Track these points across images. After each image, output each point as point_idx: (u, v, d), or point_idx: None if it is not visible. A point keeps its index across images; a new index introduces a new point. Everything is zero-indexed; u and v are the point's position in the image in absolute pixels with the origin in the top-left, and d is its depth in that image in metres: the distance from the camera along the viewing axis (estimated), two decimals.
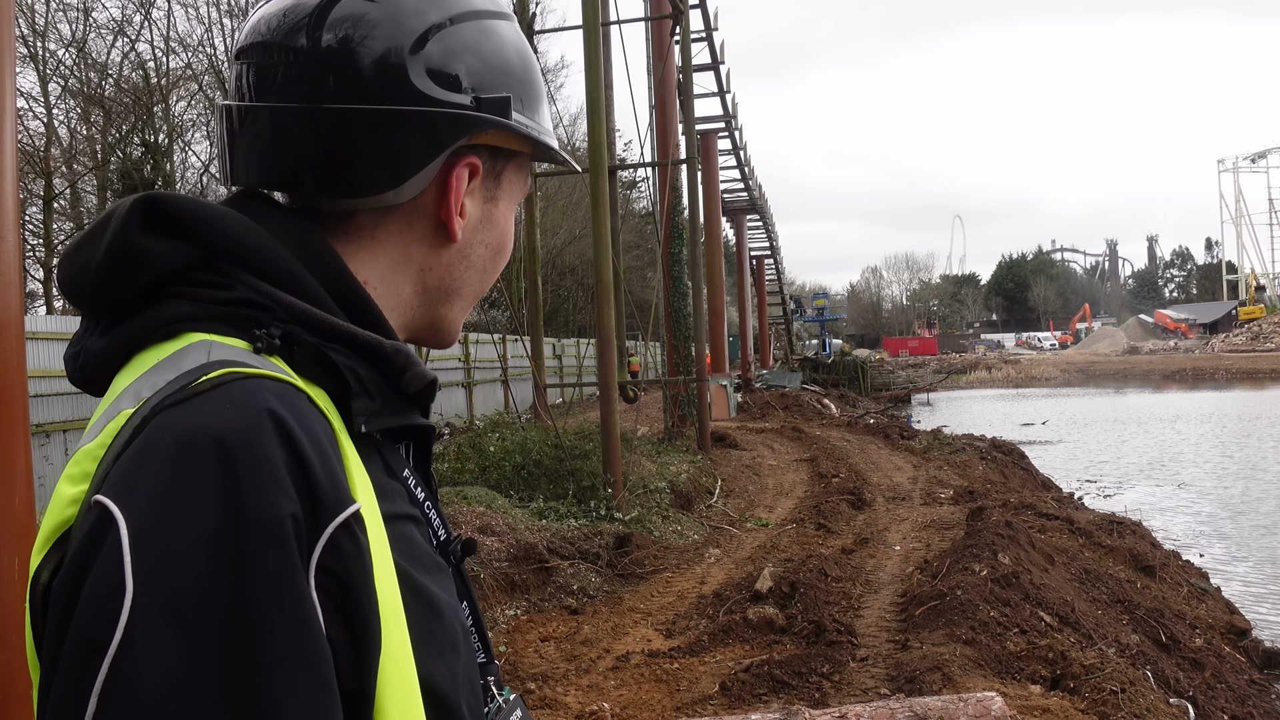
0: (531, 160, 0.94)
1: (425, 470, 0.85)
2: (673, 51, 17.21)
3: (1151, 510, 12.93)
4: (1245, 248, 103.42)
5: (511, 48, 0.89)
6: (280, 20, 0.81)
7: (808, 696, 4.76)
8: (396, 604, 0.69)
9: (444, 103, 0.82)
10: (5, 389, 2.50)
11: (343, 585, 0.64)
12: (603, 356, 10.00)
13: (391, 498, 0.75)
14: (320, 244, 0.81)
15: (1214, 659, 5.92)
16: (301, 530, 0.62)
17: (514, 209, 0.94)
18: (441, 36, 0.83)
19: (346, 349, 0.75)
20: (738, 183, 34.44)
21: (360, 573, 0.65)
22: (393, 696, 0.67)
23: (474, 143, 0.85)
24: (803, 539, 8.76)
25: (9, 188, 2.54)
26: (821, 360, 40.30)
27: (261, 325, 0.73)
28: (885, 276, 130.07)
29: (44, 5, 20.63)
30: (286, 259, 0.77)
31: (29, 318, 11.85)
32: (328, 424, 0.70)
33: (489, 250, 0.92)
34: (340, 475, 0.67)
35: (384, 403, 0.76)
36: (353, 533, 0.65)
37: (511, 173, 0.92)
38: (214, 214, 0.76)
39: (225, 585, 0.59)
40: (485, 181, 0.89)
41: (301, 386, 0.70)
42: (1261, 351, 61.95)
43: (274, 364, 0.71)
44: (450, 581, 0.81)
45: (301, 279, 0.77)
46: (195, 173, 25.90)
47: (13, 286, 2.53)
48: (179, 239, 0.74)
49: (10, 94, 2.54)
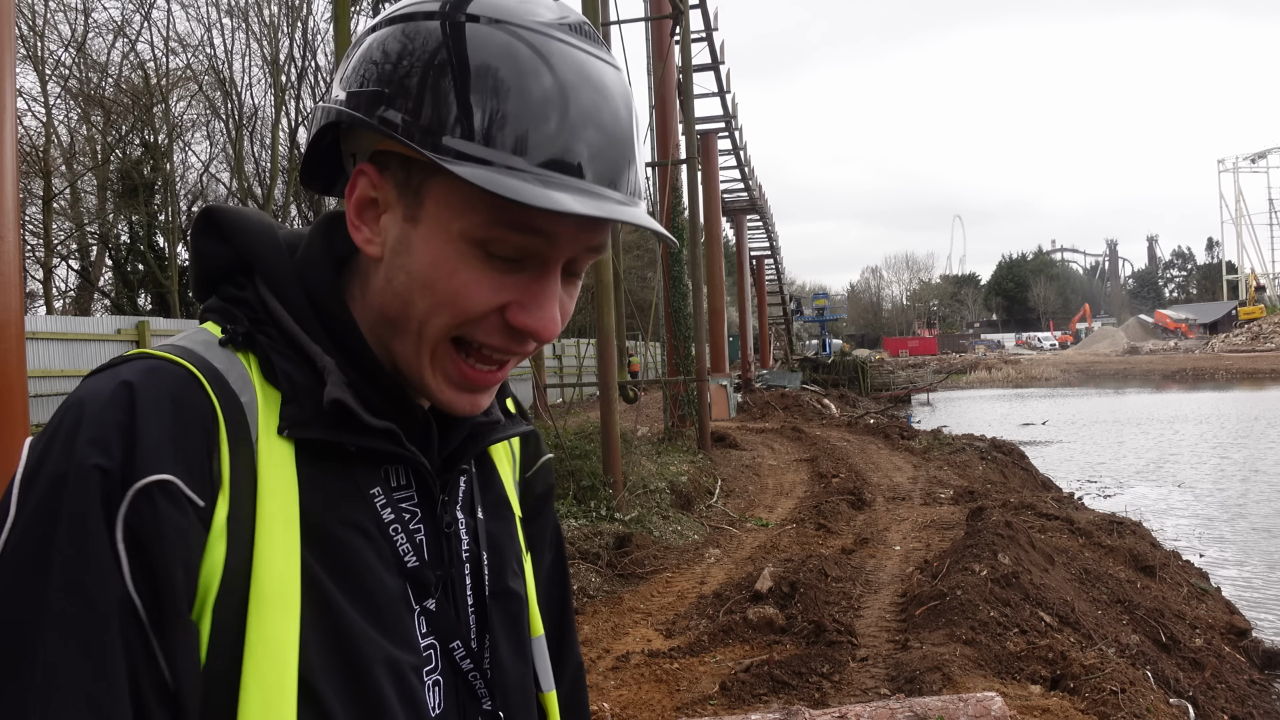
0: (494, 194, 0.73)
1: (428, 496, 0.86)
2: (673, 51, 17.21)
3: (1151, 510, 12.93)
4: (1245, 248, 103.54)
5: (418, 46, 0.77)
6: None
7: (808, 696, 4.76)
8: (286, 594, 0.73)
9: (334, 101, 0.82)
10: (5, 389, 2.51)
11: (140, 545, 0.68)
12: (603, 356, 10.00)
13: (335, 504, 0.79)
14: (319, 257, 0.85)
15: (1214, 659, 5.92)
16: (113, 484, 0.68)
17: (458, 241, 0.77)
18: (363, 41, 0.82)
19: (296, 356, 0.81)
20: (738, 183, 34.45)
21: (155, 538, 0.69)
22: (259, 680, 0.71)
23: (382, 149, 0.79)
24: (803, 539, 8.76)
25: (9, 188, 2.54)
26: (821, 360, 40.30)
27: (240, 323, 0.81)
28: (885, 276, 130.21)
29: (44, 5, 20.61)
30: (282, 269, 0.84)
31: (29, 318, 11.86)
32: (208, 409, 0.74)
33: (410, 280, 0.78)
34: (168, 448, 0.71)
35: (315, 414, 0.79)
36: (152, 499, 0.69)
37: (439, 193, 0.77)
38: (248, 225, 0.85)
39: (44, 512, 0.68)
40: (403, 198, 0.79)
41: (195, 373, 0.75)
42: (1261, 351, 61.97)
43: (234, 357, 0.79)
44: (396, 607, 0.81)
45: (289, 289, 0.83)
46: (195, 173, 25.91)
47: (13, 286, 2.53)
48: (225, 244, 0.85)
49: (10, 94, 2.54)
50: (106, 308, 24.21)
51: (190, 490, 0.71)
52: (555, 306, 0.80)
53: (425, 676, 0.83)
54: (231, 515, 0.73)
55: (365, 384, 0.82)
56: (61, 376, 11.06)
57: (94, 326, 12.45)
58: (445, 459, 0.89)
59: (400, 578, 0.82)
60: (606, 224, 0.79)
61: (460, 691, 0.86)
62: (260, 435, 0.77)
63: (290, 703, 0.72)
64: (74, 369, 11.27)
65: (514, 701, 0.90)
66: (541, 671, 0.98)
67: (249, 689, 0.71)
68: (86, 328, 12.21)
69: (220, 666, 0.71)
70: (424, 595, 0.84)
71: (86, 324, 12.50)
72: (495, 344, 0.81)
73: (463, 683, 0.86)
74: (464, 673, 0.86)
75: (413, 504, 0.85)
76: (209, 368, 0.77)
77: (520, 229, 0.76)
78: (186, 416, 0.73)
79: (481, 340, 0.80)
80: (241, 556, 0.73)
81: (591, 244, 0.80)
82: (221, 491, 0.73)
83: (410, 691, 0.80)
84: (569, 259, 0.81)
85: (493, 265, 0.78)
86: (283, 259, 0.84)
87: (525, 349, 0.82)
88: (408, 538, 0.83)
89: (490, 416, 0.93)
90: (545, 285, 0.79)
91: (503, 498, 0.97)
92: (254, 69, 27.85)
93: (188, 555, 0.71)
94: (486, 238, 0.77)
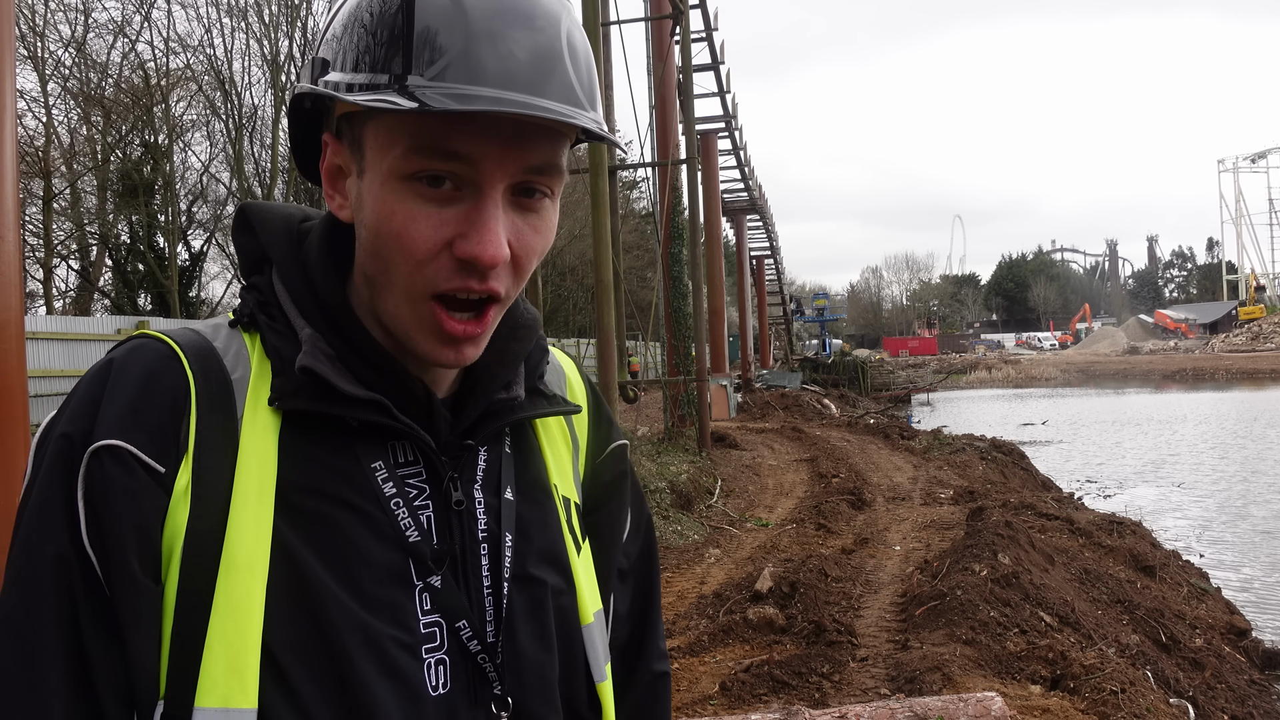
0: (375, 110, 0.77)
1: (435, 472, 0.87)
2: (673, 51, 17.21)
3: (1151, 510, 12.93)
4: (1245, 248, 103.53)
5: (348, 8, 0.81)
6: None
7: (808, 696, 4.76)
8: (254, 559, 0.77)
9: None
10: (5, 389, 2.51)
11: (93, 504, 0.76)
12: (603, 356, 10.00)
13: (319, 476, 0.81)
14: (318, 240, 0.89)
15: (1214, 659, 5.92)
16: (75, 449, 0.77)
17: (391, 180, 0.79)
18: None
19: (289, 332, 0.86)
20: (738, 183, 34.45)
21: (103, 498, 0.76)
22: (223, 642, 0.75)
23: (338, 115, 0.83)
24: (803, 539, 8.76)
25: (9, 188, 2.54)
26: (821, 360, 40.31)
27: (247, 306, 0.88)
28: (885, 276, 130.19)
29: (44, 5, 20.60)
30: (287, 256, 0.89)
31: (29, 318, 11.86)
32: (180, 382, 0.80)
33: (369, 233, 0.81)
34: (128, 418, 0.78)
35: (300, 385, 0.83)
36: (102, 463, 0.76)
37: (371, 138, 0.80)
38: (270, 218, 0.92)
39: (33, 473, 0.79)
40: (353, 156, 0.82)
41: (176, 350, 0.82)
42: (1261, 351, 61.95)
43: (237, 336, 0.86)
44: (384, 580, 0.82)
45: (292, 273, 0.88)
46: (195, 173, 25.90)
47: (13, 286, 2.53)
48: (253, 237, 0.91)
49: (10, 94, 2.54)
50: (106, 308, 24.21)
51: (147, 456, 0.77)
52: (497, 230, 0.78)
53: (425, 653, 0.82)
54: (196, 481, 0.78)
55: (353, 356, 0.84)
56: (61, 376, 11.06)
57: (94, 326, 12.45)
58: (462, 436, 0.88)
59: (400, 552, 0.83)
60: (538, 138, 0.78)
61: (470, 672, 0.85)
62: (247, 407, 0.82)
63: (253, 665, 0.75)
64: (74, 369, 11.26)
65: (530, 688, 0.88)
66: (594, 661, 0.95)
67: (213, 648, 0.75)
68: (86, 328, 12.21)
69: (189, 630, 0.76)
70: (427, 571, 0.83)
71: (86, 324, 12.50)
72: (455, 285, 0.80)
73: (471, 663, 0.85)
74: (472, 653, 0.85)
75: (420, 480, 0.86)
76: (202, 346, 0.83)
77: (436, 153, 0.77)
78: (153, 388, 0.79)
79: (443, 286, 0.80)
80: (211, 522, 0.77)
81: (528, 162, 0.79)
82: (185, 458, 0.78)
83: (395, 665, 0.80)
84: (513, 183, 0.80)
85: (429, 200, 0.78)
86: (290, 247, 0.90)
87: (481, 284, 0.80)
88: (410, 513, 0.84)
89: (511, 393, 0.92)
90: (482, 210, 0.78)
91: (540, 482, 0.96)
92: (254, 69, 27.89)
93: (140, 518, 0.76)
94: (411, 169, 0.78)
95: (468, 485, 0.89)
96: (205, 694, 0.75)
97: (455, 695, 0.83)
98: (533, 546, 0.91)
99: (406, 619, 0.82)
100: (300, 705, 0.77)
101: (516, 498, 0.92)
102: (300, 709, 0.77)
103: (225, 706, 0.75)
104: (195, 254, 25.54)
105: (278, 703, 0.76)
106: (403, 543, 0.83)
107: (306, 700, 0.77)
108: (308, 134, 0.91)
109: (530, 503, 0.93)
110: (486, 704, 0.85)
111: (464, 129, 0.76)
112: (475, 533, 0.88)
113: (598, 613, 0.98)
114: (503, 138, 0.77)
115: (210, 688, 0.75)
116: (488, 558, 0.88)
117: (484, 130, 0.77)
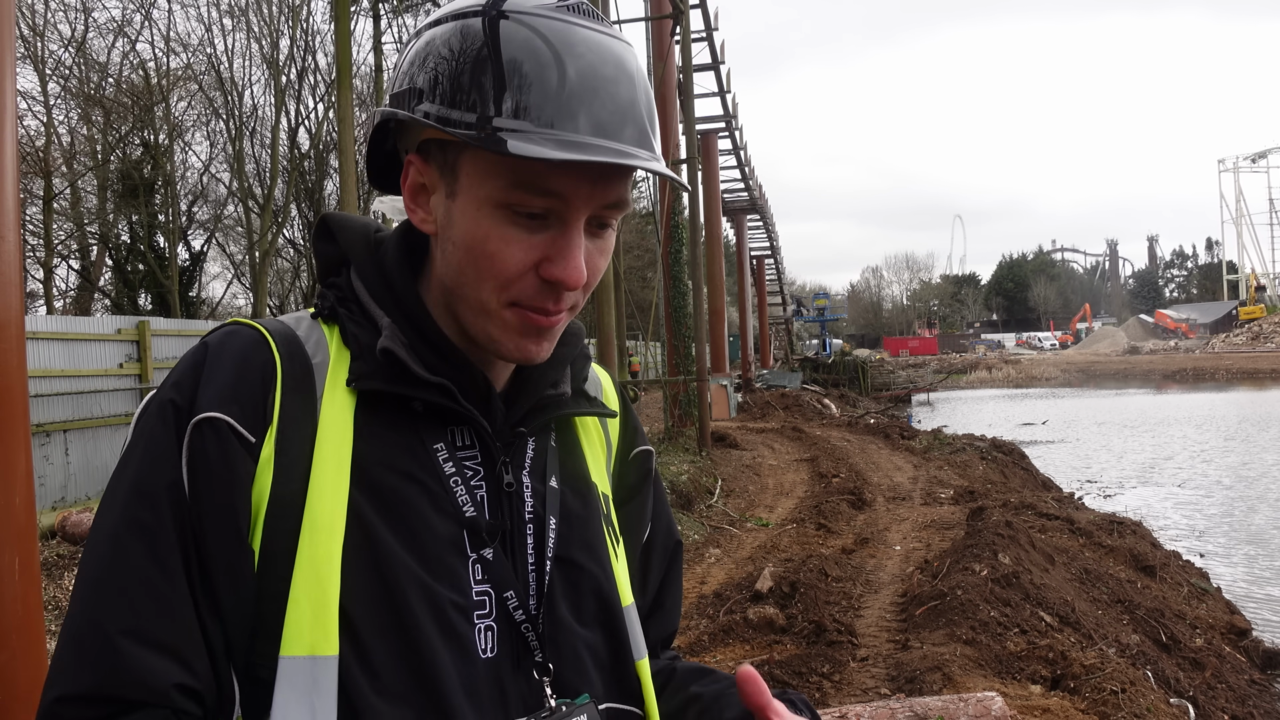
0: (493, 152, 0.84)
1: (489, 456, 0.95)
2: (673, 51, 17.21)
3: (1151, 511, 12.93)
4: (1245, 248, 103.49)
5: (440, 43, 0.89)
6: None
7: (808, 696, 4.76)
8: (333, 522, 0.85)
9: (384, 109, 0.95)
10: (5, 389, 2.50)
11: (195, 468, 0.85)
12: (603, 356, 10.00)
13: (390, 452, 0.91)
14: (394, 246, 0.98)
15: (1214, 659, 5.92)
16: (182, 416, 0.86)
17: (487, 207, 0.88)
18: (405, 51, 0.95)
19: (367, 323, 0.95)
20: (738, 183, 34.45)
21: (205, 462, 0.85)
22: (308, 595, 0.83)
23: (425, 140, 0.92)
24: (803, 539, 8.75)
25: (9, 188, 2.54)
26: (822, 360, 40.31)
27: (328, 301, 0.97)
28: (885, 276, 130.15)
29: (44, 5, 20.60)
30: (366, 258, 0.99)
31: (29, 318, 11.85)
32: (269, 362, 0.90)
33: (457, 249, 0.90)
34: (228, 392, 0.87)
35: (376, 369, 0.92)
36: (202, 432, 0.85)
37: (469, 166, 0.88)
38: (349, 226, 1.02)
39: (140, 429, 0.89)
40: (444, 178, 0.91)
41: (265, 335, 0.92)
42: (1262, 351, 61.94)
43: (317, 327, 0.96)
44: (444, 548, 0.90)
45: (370, 273, 0.98)
46: (195, 173, 25.89)
47: (13, 286, 2.53)
48: (333, 243, 1.01)
49: (10, 94, 2.53)
50: (106, 308, 24.19)
51: (241, 427, 0.86)
52: (579, 258, 0.89)
53: (477, 619, 0.90)
54: (280, 450, 0.87)
55: (424, 346, 0.94)
56: (61, 376, 11.05)
57: (94, 326, 12.44)
58: (513, 426, 0.98)
59: (457, 525, 0.91)
60: (616, 178, 0.89)
61: (514, 640, 0.92)
62: (326, 388, 0.91)
63: (334, 616, 0.83)
64: (74, 369, 11.26)
65: (565, 659, 0.95)
66: (634, 639, 1.02)
67: (298, 602, 0.83)
68: (86, 328, 12.19)
69: (271, 586, 0.84)
70: (480, 544, 0.92)
71: (86, 324, 12.48)
72: (536, 303, 0.91)
73: (515, 632, 0.92)
74: (517, 623, 0.92)
75: (475, 462, 0.95)
76: (287, 333, 0.93)
77: (536, 190, 0.86)
78: (247, 367, 0.89)
79: (528, 301, 0.90)
80: (292, 488, 0.86)
81: (608, 200, 0.90)
82: (270, 429, 0.87)
83: (453, 627, 0.88)
84: (591, 215, 0.90)
85: (520, 227, 0.88)
86: (368, 250, 0.99)
87: (561, 301, 0.91)
88: (468, 491, 0.93)
89: (559, 390, 1.02)
90: (569, 239, 0.89)
91: (583, 475, 1.04)
92: (254, 69, 27.87)
93: (235, 482, 0.85)
94: (509, 201, 0.87)
95: (517, 470, 0.97)
96: (292, 643, 0.82)
97: (501, 659, 0.91)
98: (574, 533, 0.99)
99: (462, 585, 0.90)
100: (367, 655, 0.84)
101: (561, 487, 1.01)
102: (368, 659, 0.84)
103: (313, 654, 0.82)
104: (195, 254, 25.54)
105: (350, 653, 0.83)
106: (460, 517, 0.91)
107: (372, 651, 0.84)
108: (375, 143, 1.01)
109: (573, 493, 1.02)
110: (528, 670, 0.92)
111: (561, 171, 0.86)
112: (522, 514, 0.96)
113: (631, 604, 1.05)
114: (590, 178, 0.87)
115: (297, 637, 0.82)
116: (533, 537, 0.96)
117: (577, 172, 0.86)
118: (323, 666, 0.82)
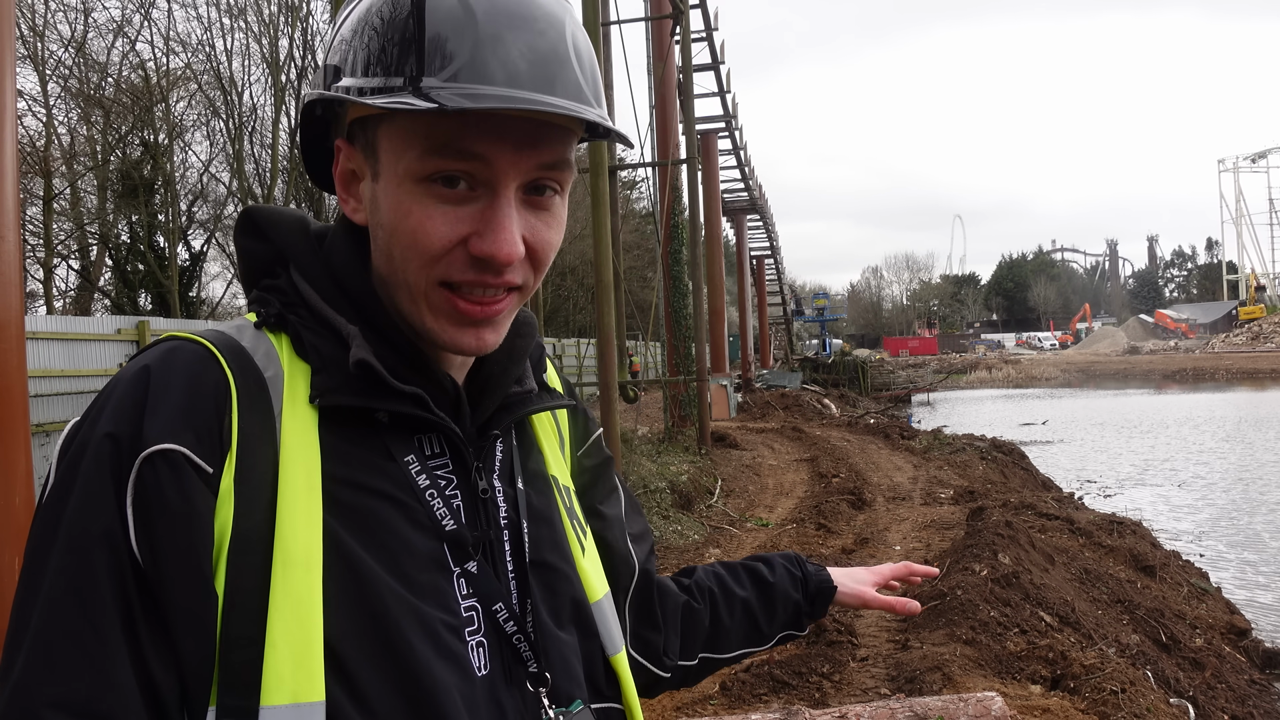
0: (383, 110, 0.80)
1: (462, 463, 0.90)
2: (673, 51, 17.21)
3: (1151, 510, 12.93)
4: (1245, 248, 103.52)
5: (357, 14, 0.84)
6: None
7: (808, 696, 4.76)
8: (309, 554, 0.77)
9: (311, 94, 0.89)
10: (5, 389, 2.50)
11: (147, 508, 0.74)
12: (603, 356, 9.99)
13: (360, 470, 0.83)
14: (341, 240, 0.90)
15: (1214, 659, 5.92)
16: (123, 453, 0.75)
17: (407, 182, 0.81)
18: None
19: (325, 330, 0.86)
20: (738, 182, 34.45)
21: (159, 502, 0.75)
22: (287, 637, 0.75)
23: (351, 120, 0.86)
24: (803, 539, 8.75)
25: (9, 188, 2.54)
26: (821, 360, 40.29)
27: (272, 307, 0.88)
28: (885, 276, 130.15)
29: (44, 5, 20.60)
30: (311, 256, 0.90)
31: (29, 318, 11.85)
32: (221, 381, 0.80)
33: (384, 234, 0.84)
34: (178, 419, 0.76)
35: (343, 381, 0.84)
36: (155, 467, 0.75)
37: (386, 142, 0.82)
38: (282, 221, 0.93)
39: (70, 470, 0.77)
40: (368, 160, 0.85)
41: (212, 350, 0.82)
42: (1262, 351, 61.94)
43: (263, 337, 0.86)
44: (428, 567, 0.84)
45: (317, 273, 0.89)
46: (195, 173, 25.89)
47: (13, 286, 2.53)
48: (263, 240, 0.92)
49: (10, 94, 2.54)
50: (106, 308, 24.19)
51: (197, 457, 0.76)
52: (512, 229, 0.81)
53: (468, 636, 0.85)
54: (240, 479, 0.78)
55: (390, 353, 0.86)
56: (61, 376, 11.05)
57: (94, 326, 12.43)
58: (479, 428, 0.92)
59: (438, 540, 0.85)
60: (546, 136, 0.82)
61: (505, 654, 0.88)
62: (285, 406, 0.82)
63: (318, 658, 0.76)
64: (74, 369, 11.26)
65: (556, 666, 0.91)
66: (606, 635, 0.99)
67: (275, 646, 0.75)
68: (86, 328, 12.19)
69: (239, 629, 0.75)
70: (463, 557, 0.87)
71: (86, 324, 12.47)
72: (469, 279, 0.83)
73: (507, 645, 0.88)
74: (508, 635, 0.88)
75: (447, 471, 0.89)
76: (233, 346, 0.83)
77: (451, 152, 0.79)
78: (197, 389, 0.79)
79: (457, 278, 0.83)
80: (257, 519, 0.77)
81: (541, 160, 0.82)
82: (229, 455, 0.78)
83: (448, 648, 0.82)
84: (525, 181, 0.83)
85: (444, 200, 0.81)
86: (311, 247, 0.91)
87: (496, 278, 0.83)
88: (444, 502, 0.87)
89: (524, 387, 0.97)
90: (497, 209, 0.81)
91: (542, 472, 1.00)
92: (253, 68, 27.88)
93: (195, 517, 0.75)
94: (427, 171, 0.80)
95: (488, 475, 0.92)
96: (273, 692, 0.74)
97: (494, 676, 0.86)
98: (543, 534, 0.95)
99: (450, 603, 0.85)
100: (361, 693, 0.78)
101: (526, 488, 0.96)
102: (362, 697, 0.77)
103: (295, 702, 0.74)
104: (195, 254, 25.54)
105: (340, 693, 0.77)
106: (440, 531, 0.86)
107: (367, 687, 0.78)
108: (318, 141, 0.93)
109: (536, 492, 0.97)
110: (521, 683, 0.88)
111: (478, 129, 0.79)
112: (498, 520, 0.91)
113: (606, 594, 1.01)
114: (515, 137, 0.80)
115: (278, 685, 0.74)
116: (509, 544, 0.92)
117: (497, 130, 0.79)
118: (308, 714, 0.74)
